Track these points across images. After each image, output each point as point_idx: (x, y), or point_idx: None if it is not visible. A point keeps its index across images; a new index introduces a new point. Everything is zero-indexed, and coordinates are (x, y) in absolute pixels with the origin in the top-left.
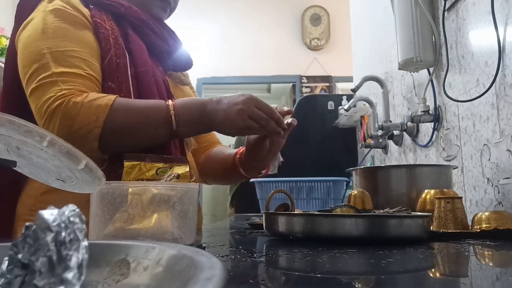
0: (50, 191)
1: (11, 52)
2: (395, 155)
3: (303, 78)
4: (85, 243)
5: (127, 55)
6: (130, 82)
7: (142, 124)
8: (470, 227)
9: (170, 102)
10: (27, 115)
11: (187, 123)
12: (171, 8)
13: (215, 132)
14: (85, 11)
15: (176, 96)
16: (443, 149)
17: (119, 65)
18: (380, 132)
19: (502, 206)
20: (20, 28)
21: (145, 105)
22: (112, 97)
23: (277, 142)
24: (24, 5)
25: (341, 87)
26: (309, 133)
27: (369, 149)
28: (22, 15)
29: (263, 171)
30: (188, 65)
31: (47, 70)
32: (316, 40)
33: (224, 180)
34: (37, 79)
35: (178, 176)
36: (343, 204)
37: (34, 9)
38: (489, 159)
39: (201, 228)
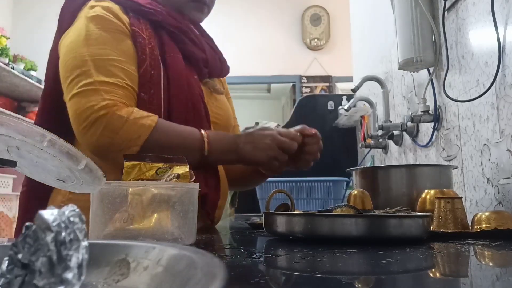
0: None
1: (54, 54)
2: (395, 155)
3: (303, 78)
4: (85, 243)
5: (161, 67)
6: (162, 95)
7: (178, 147)
8: (470, 227)
9: (203, 131)
10: (66, 115)
11: (218, 151)
12: (208, 7)
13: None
14: (125, 18)
15: (209, 105)
16: (443, 149)
17: (153, 76)
18: (380, 132)
19: (502, 206)
20: (64, 34)
21: (183, 130)
22: (154, 118)
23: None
24: (66, 9)
25: (341, 87)
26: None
27: (369, 149)
28: (63, 18)
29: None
30: (224, 72)
31: (89, 77)
32: (316, 40)
33: (244, 183)
34: (80, 85)
35: (178, 176)
36: (343, 204)
37: (75, 14)
38: (489, 159)
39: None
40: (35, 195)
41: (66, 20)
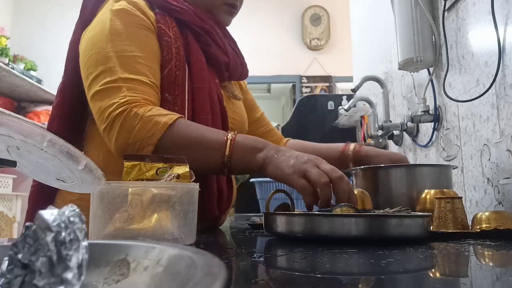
0: None
1: (74, 45)
2: None
3: (303, 78)
4: (85, 243)
5: (186, 68)
6: (186, 97)
7: (195, 158)
8: (470, 227)
9: (229, 139)
10: (84, 111)
11: (238, 168)
12: (236, 11)
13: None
14: (151, 14)
15: (227, 110)
16: (443, 149)
17: (178, 77)
18: (380, 132)
19: (502, 206)
20: (87, 27)
21: (203, 138)
22: (174, 116)
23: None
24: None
25: (341, 87)
26: (309, 133)
27: None
28: (86, 6)
29: None
30: (243, 75)
31: (113, 74)
32: (316, 40)
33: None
34: (102, 82)
35: (178, 176)
36: (343, 204)
37: (99, 4)
38: (489, 159)
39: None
40: (43, 193)
41: (88, 9)
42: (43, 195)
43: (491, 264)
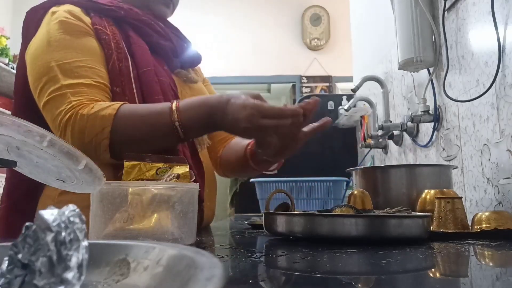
0: (67, 192)
1: (21, 65)
2: (395, 155)
3: (303, 78)
4: (85, 243)
5: (129, 58)
6: (134, 85)
7: (148, 133)
8: (470, 227)
9: (174, 106)
10: (44, 124)
11: (194, 129)
12: (173, 4)
13: None
14: (87, 19)
15: (183, 95)
16: (443, 149)
17: (122, 68)
18: (380, 132)
19: (502, 206)
20: (30, 43)
21: (149, 112)
22: (116, 105)
23: (294, 140)
24: (29, 20)
25: (341, 87)
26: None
27: (369, 149)
28: (28, 31)
29: (275, 166)
30: (196, 61)
31: (57, 82)
32: (316, 40)
33: (240, 172)
34: (48, 92)
35: (178, 176)
36: (343, 204)
37: (39, 24)
38: (489, 159)
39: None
40: (17, 209)
41: (30, 32)
42: (17, 212)
43: (491, 264)
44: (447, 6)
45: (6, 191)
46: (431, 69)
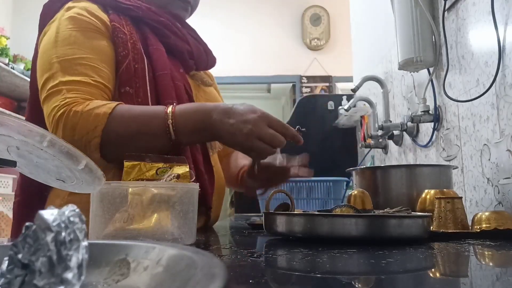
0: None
1: (36, 58)
2: (395, 155)
3: (303, 78)
4: (85, 243)
5: (145, 60)
6: (148, 87)
7: (141, 133)
8: (470, 227)
9: (169, 109)
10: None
11: (186, 132)
12: (192, 7)
13: None
14: (104, 16)
15: (198, 98)
16: (443, 149)
17: (137, 70)
18: (380, 132)
19: (502, 206)
20: (40, 38)
21: (144, 113)
22: (112, 105)
23: (281, 174)
24: (46, 13)
25: (341, 87)
26: (309, 133)
27: (369, 149)
28: (44, 23)
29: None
30: (210, 63)
31: (55, 79)
32: (316, 40)
33: (236, 188)
34: (47, 88)
35: (178, 176)
36: (343, 204)
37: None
38: (489, 159)
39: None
40: (28, 204)
41: (46, 24)
42: (28, 207)
43: (491, 264)
44: (447, 6)
45: (19, 185)
46: (431, 69)
